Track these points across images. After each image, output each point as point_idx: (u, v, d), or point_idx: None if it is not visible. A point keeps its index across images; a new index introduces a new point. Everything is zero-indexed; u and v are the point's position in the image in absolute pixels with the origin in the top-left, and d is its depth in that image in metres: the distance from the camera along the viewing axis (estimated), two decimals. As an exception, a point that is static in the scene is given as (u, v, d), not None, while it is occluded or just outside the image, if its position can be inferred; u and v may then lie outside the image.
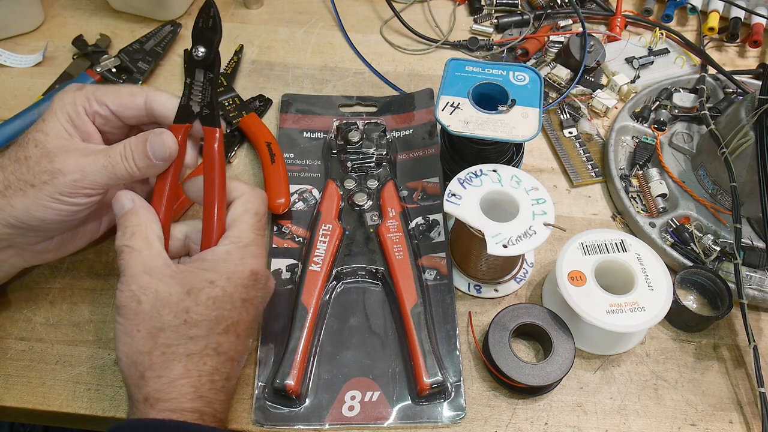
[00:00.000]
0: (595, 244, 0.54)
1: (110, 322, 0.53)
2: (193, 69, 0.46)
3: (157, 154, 0.45)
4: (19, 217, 0.44)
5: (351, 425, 0.49)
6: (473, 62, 0.59)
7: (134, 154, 0.44)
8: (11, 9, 0.72)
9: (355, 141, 0.62)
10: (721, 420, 0.51)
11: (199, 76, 0.46)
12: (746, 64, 0.78)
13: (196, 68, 0.46)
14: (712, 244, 0.58)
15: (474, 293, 0.57)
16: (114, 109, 0.47)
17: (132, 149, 0.44)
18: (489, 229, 0.50)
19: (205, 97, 0.46)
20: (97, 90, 0.47)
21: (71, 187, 0.44)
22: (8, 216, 0.44)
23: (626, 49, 0.76)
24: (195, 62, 0.46)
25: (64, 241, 0.50)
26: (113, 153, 0.44)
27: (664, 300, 0.50)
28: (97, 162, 0.44)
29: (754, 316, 0.57)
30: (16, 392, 0.50)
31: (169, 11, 0.76)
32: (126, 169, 0.44)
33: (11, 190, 0.44)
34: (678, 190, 0.63)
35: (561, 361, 0.50)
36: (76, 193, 0.44)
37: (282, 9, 0.80)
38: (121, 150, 0.45)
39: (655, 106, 0.70)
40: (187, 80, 0.47)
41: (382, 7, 0.80)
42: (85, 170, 0.44)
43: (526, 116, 0.55)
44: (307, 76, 0.73)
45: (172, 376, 0.41)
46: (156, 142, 0.45)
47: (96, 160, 0.44)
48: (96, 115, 0.47)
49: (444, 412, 0.50)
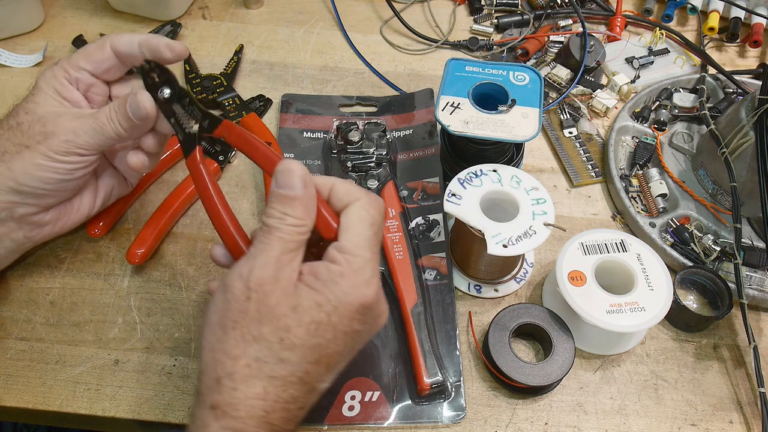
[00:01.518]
0: (595, 244, 0.54)
1: (110, 322, 0.54)
2: (170, 109, 0.46)
3: (135, 113, 0.46)
4: (18, 179, 0.46)
5: (351, 425, 0.49)
6: (473, 62, 0.59)
7: (118, 114, 0.47)
8: (11, 9, 0.72)
9: (355, 141, 0.62)
10: (721, 420, 0.51)
11: (179, 110, 0.46)
12: (746, 64, 0.78)
13: (171, 106, 0.46)
14: (712, 244, 0.58)
15: (474, 293, 0.57)
16: (90, 69, 0.50)
17: (116, 110, 0.47)
18: (489, 229, 0.50)
19: (196, 117, 0.46)
20: (70, 58, 0.50)
21: (64, 146, 0.46)
22: (8, 180, 0.46)
23: (626, 49, 0.76)
24: (168, 102, 0.46)
25: (61, 214, 0.51)
26: (100, 115, 0.47)
27: (664, 300, 0.50)
28: (86, 123, 0.47)
29: (754, 316, 0.57)
30: (16, 392, 0.50)
31: (169, 11, 0.76)
32: (112, 129, 0.47)
33: (8, 155, 0.46)
34: (678, 190, 0.63)
35: (561, 361, 0.50)
36: (69, 152, 0.47)
37: (282, 9, 0.80)
38: (107, 112, 0.47)
39: (655, 106, 0.70)
40: (171, 120, 0.46)
41: (382, 7, 0.80)
42: (77, 131, 0.47)
43: (526, 116, 0.55)
44: (307, 76, 0.73)
45: (249, 394, 0.37)
46: (133, 102, 0.46)
47: (85, 122, 0.47)
48: (78, 81, 0.50)
49: (444, 412, 0.50)
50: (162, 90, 0.46)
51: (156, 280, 0.56)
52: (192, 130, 0.46)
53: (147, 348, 0.52)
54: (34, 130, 0.47)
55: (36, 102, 0.48)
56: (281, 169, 0.40)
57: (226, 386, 0.37)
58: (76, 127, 0.47)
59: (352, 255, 0.39)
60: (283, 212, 0.39)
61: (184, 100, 0.46)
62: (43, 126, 0.47)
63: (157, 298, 0.55)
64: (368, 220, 0.40)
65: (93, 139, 0.47)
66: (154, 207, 0.59)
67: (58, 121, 0.47)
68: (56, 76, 0.49)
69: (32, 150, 0.46)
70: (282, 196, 0.39)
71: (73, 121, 0.47)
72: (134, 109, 0.47)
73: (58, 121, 0.47)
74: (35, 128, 0.47)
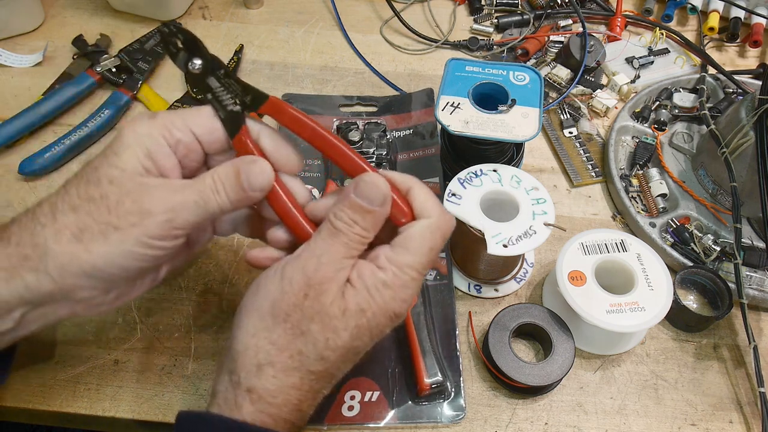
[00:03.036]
0: (595, 244, 0.54)
1: (110, 323, 0.53)
2: (203, 82, 0.41)
3: (255, 184, 0.40)
4: (98, 265, 0.37)
5: (351, 425, 0.49)
6: (473, 62, 0.59)
7: (226, 186, 0.39)
8: (11, 9, 0.72)
9: (356, 141, 0.62)
10: (721, 420, 0.51)
11: (214, 83, 0.41)
12: (746, 64, 0.78)
13: (205, 80, 0.41)
14: (712, 244, 0.58)
15: (474, 293, 0.57)
16: (199, 134, 0.41)
17: (223, 181, 0.39)
18: (489, 229, 0.50)
19: (236, 91, 0.41)
20: (176, 116, 0.41)
21: (162, 228, 0.38)
22: (84, 264, 0.37)
23: (626, 49, 0.76)
24: (201, 76, 0.41)
25: (121, 293, 0.42)
26: (202, 186, 0.39)
27: (664, 300, 0.50)
28: (187, 199, 0.38)
29: (754, 316, 0.57)
30: (16, 392, 0.50)
31: (169, 11, 0.76)
32: (218, 203, 0.39)
33: (88, 234, 0.37)
34: (678, 190, 0.63)
35: (561, 361, 0.50)
36: (167, 236, 0.38)
37: (282, 9, 0.80)
38: (210, 183, 0.39)
39: (655, 106, 0.70)
40: (208, 96, 0.41)
41: (382, 7, 0.80)
42: (176, 209, 0.38)
43: (526, 116, 0.55)
44: (307, 75, 0.73)
45: (288, 383, 0.38)
46: (252, 171, 0.40)
47: (186, 196, 0.38)
48: (179, 144, 0.40)
49: (444, 412, 0.50)
50: (192, 61, 0.40)
51: (156, 280, 0.56)
52: (234, 107, 0.41)
53: (147, 348, 0.52)
54: (125, 207, 0.37)
55: (123, 169, 0.38)
56: (367, 181, 0.39)
57: (267, 374, 0.38)
58: (174, 204, 0.38)
59: (401, 271, 0.39)
60: (354, 220, 0.39)
61: (219, 72, 0.41)
62: (134, 202, 0.37)
63: (157, 298, 0.55)
64: (431, 243, 0.40)
65: (193, 217, 0.38)
66: (154, 207, 0.59)
67: (154, 197, 0.38)
68: (152, 135, 0.39)
69: (124, 233, 0.37)
70: (357, 205, 0.39)
71: (171, 196, 0.38)
72: (254, 178, 0.40)
73: (154, 197, 0.38)
74: (126, 205, 0.37)
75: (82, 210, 0.37)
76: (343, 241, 0.39)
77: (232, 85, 0.41)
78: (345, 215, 0.39)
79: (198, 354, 0.52)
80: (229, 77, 0.41)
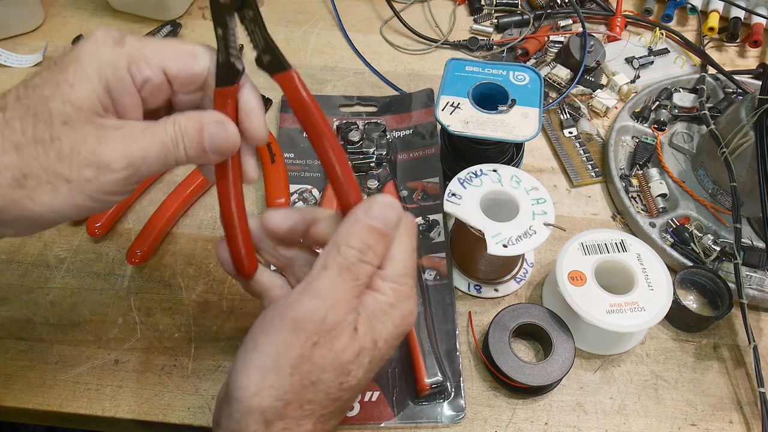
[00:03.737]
0: (595, 244, 0.54)
1: (110, 323, 0.53)
2: (222, 16, 0.35)
3: (217, 147, 0.36)
4: (42, 215, 0.34)
5: (351, 425, 0.49)
6: (473, 62, 0.59)
7: (185, 140, 0.35)
8: (11, 9, 0.72)
9: (356, 141, 0.62)
10: (721, 420, 0.51)
11: (232, 23, 0.35)
12: (746, 64, 0.78)
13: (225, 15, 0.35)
14: (712, 244, 0.58)
15: (474, 293, 0.57)
16: (174, 73, 0.36)
17: (183, 134, 0.35)
18: (489, 229, 0.50)
19: (256, 42, 0.36)
20: (149, 47, 0.35)
21: (119, 184, 0.34)
22: (26, 211, 0.33)
23: (626, 49, 0.76)
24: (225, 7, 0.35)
25: None
26: (166, 139, 0.35)
27: (664, 300, 0.50)
28: (149, 152, 0.34)
29: (754, 316, 0.57)
30: (16, 392, 0.50)
31: (169, 11, 0.76)
32: (176, 157, 0.35)
33: (33, 181, 0.33)
34: (678, 190, 0.63)
35: (561, 361, 0.50)
36: (123, 190, 0.35)
37: (282, 9, 0.80)
38: (172, 134, 0.35)
39: (655, 106, 0.70)
40: (219, 31, 0.35)
41: (382, 7, 0.80)
42: (136, 163, 0.34)
43: (526, 116, 0.55)
44: (307, 75, 0.73)
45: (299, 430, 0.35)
46: (218, 133, 0.36)
47: (147, 148, 0.34)
48: (147, 83, 0.35)
49: (444, 412, 0.50)
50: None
51: (156, 280, 0.56)
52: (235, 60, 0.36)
53: (147, 348, 0.52)
54: (80, 157, 0.33)
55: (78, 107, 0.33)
56: (382, 202, 0.37)
57: (277, 428, 0.35)
58: (134, 157, 0.34)
59: (398, 284, 0.37)
60: (367, 245, 0.35)
61: (247, 13, 0.35)
62: (92, 153, 0.33)
63: (157, 298, 0.55)
64: (410, 245, 0.38)
65: (152, 170, 0.35)
66: (154, 207, 0.59)
67: (112, 146, 0.33)
68: (117, 67, 0.34)
69: (76, 187, 0.33)
70: (372, 228, 0.36)
71: (132, 145, 0.34)
72: (218, 141, 0.36)
73: (113, 146, 0.33)
74: (81, 155, 0.33)
75: (27, 152, 0.32)
76: (353, 276, 0.35)
77: (256, 35, 0.36)
78: (357, 241, 0.35)
79: (198, 354, 0.52)
80: (256, 24, 0.35)
